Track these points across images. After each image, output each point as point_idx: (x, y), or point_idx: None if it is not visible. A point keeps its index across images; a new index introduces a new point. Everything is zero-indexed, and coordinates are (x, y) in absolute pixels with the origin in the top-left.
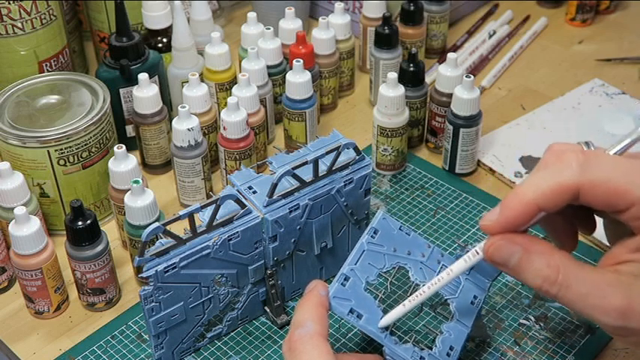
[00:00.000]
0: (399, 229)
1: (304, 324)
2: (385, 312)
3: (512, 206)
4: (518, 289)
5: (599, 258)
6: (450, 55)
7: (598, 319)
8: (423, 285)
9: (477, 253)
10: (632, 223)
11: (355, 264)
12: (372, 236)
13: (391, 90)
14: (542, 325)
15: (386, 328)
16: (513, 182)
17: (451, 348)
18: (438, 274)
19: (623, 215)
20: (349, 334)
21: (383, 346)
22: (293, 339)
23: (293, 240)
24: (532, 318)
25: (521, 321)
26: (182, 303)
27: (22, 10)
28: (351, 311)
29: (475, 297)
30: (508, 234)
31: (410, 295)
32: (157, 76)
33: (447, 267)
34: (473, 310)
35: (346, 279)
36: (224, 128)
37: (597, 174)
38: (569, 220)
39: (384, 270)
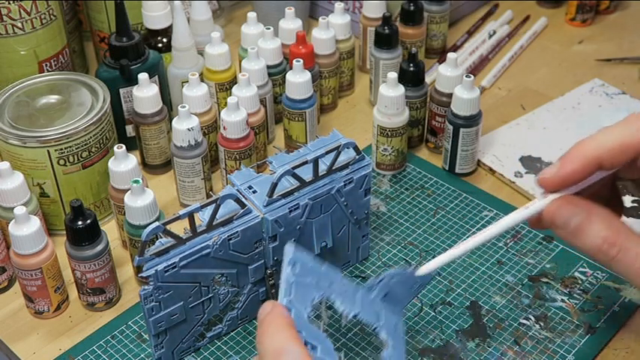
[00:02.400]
0: (312, 261)
1: (286, 350)
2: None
3: (573, 159)
4: (518, 289)
5: None
6: (450, 55)
7: None
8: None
9: (528, 207)
10: None
11: (290, 295)
12: (293, 267)
13: (391, 90)
14: (542, 324)
15: (339, 357)
16: (513, 182)
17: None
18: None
19: None
20: None
21: None
22: None
23: (293, 240)
24: (532, 318)
25: (522, 321)
26: (182, 302)
27: (22, 10)
28: (306, 343)
29: (396, 324)
30: (569, 196)
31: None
32: (156, 76)
33: (365, 296)
34: (400, 336)
35: (289, 311)
36: (224, 128)
37: None
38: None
39: (314, 302)
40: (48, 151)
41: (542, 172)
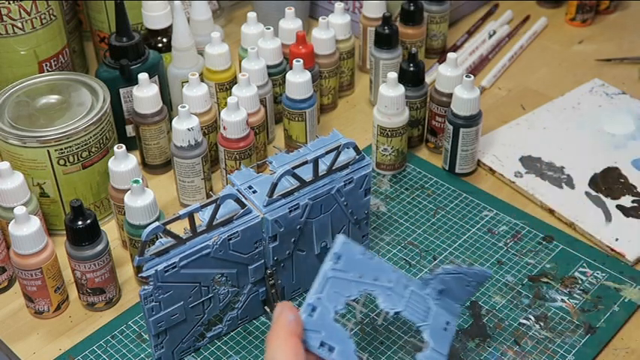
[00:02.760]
0: (362, 253)
1: None
2: (357, 344)
3: None
4: (518, 289)
5: (600, 259)
6: (450, 55)
7: None
8: None
9: None
10: None
11: (321, 292)
12: (335, 262)
13: (391, 90)
14: (542, 324)
15: (360, 359)
16: (513, 182)
17: None
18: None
19: None
20: None
21: None
22: None
23: (293, 240)
24: (532, 318)
25: (522, 321)
26: (182, 302)
27: (22, 10)
28: (322, 344)
29: (447, 323)
30: None
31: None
32: (157, 76)
33: (416, 292)
34: (447, 337)
35: (314, 309)
36: (224, 128)
37: None
38: None
39: (352, 299)
40: (48, 151)
41: None
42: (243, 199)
